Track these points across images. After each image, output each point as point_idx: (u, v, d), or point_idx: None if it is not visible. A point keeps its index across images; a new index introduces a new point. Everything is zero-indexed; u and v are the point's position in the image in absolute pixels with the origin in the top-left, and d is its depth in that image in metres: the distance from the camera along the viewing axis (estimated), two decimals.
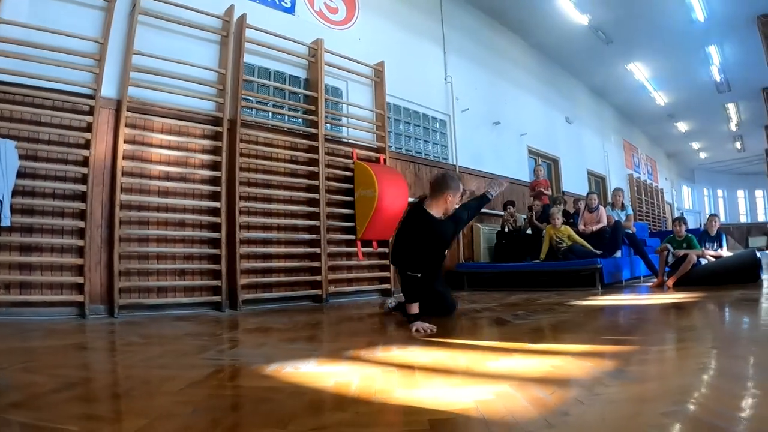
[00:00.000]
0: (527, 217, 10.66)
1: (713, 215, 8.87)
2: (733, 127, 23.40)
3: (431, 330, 4.05)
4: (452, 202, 4.48)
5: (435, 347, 3.38)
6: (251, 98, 7.47)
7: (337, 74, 8.62)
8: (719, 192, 36.66)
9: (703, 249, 8.01)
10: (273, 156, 7.53)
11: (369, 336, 4.27)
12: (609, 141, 19.84)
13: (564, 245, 8.73)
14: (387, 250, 8.61)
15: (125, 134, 6.14)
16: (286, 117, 7.97)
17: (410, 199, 7.80)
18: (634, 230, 9.88)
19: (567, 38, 14.21)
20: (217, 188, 6.78)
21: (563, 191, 14.88)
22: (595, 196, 9.58)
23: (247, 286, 6.96)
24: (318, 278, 7.57)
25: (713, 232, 8.37)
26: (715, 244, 8.27)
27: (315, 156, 7.81)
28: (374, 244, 8.45)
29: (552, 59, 15.85)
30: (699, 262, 7.77)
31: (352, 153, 8.45)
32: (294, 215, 7.65)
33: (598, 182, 18.65)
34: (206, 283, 6.67)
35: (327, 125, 8.19)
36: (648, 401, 1.92)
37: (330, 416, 1.94)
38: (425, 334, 3.97)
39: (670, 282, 7.60)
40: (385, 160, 8.83)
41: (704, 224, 9.06)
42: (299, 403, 2.10)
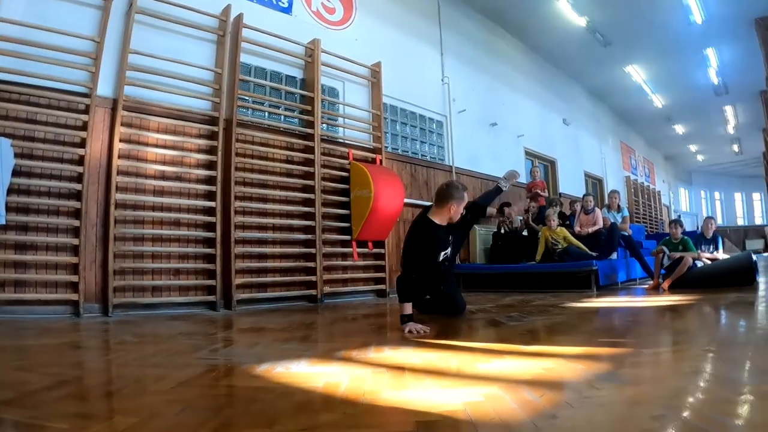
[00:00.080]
0: (523, 219, 10.67)
1: (709, 218, 8.88)
2: (731, 130, 23.44)
3: (424, 331, 4.08)
4: (456, 212, 4.69)
5: (427, 348, 3.38)
6: (247, 98, 7.47)
7: (334, 74, 8.62)
8: (716, 194, 36.70)
9: (699, 251, 8.03)
10: (269, 156, 7.52)
11: (362, 337, 4.26)
12: (606, 143, 19.86)
13: (560, 247, 8.73)
14: (382, 251, 8.62)
15: (121, 133, 6.13)
16: (283, 117, 7.96)
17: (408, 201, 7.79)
18: (630, 232, 9.89)
19: (565, 40, 14.22)
20: (213, 188, 6.78)
21: (560, 193, 14.91)
22: (591, 198, 9.60)
23: (242, 286, 6.96)
24: (313, 278, 7.57)
25: (709, 235, 8.39)
26: (711, 247, 8.29)
27: (311, 156, 7.81)
28: (370, 245, 8.44)
29: (549, 61, 15.87)
30: (695, 265, 7.78)
31: (348, 153, 8.44)
32: (289, 215, 7.65)
33: (595, 184, 18.67)
34: (201, 283, 6.67)
35: (323, 125, 8.18)
36: (638, 405, 1.91)
37: (317, 417, 1.93)
38: (417, 335, 3.99)
39: (666, 284, 7.60)
40: (381, 161, 8.84)
41: (701, 227, 9.06)
42: (287, 404, 2.10)
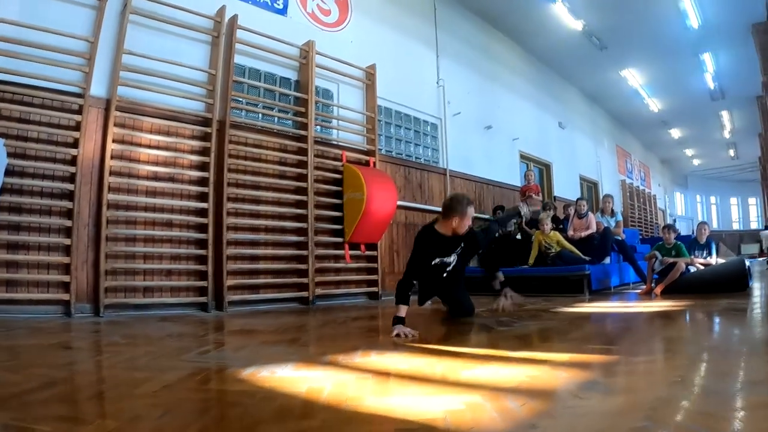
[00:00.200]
0: (517, 223, 10.65)
1: (703, 223, 8.86)
2: (727, 135, 23.51)
3: (412, 335, 4.08)
4: (459, 225, 4.74)
5: (414, 353, 3.38)
6: (241, 99, 7.48)
7: (328, 76, 8.63)
8: (712, 199, 36.78)
9: (692, 257, 8.01)
10: (262, 157, 7.53)
11: (350, 340, 4.27)
12: (602, 146, 19.90)
13: (553, 251, 8.72)
14: (375, 254, 8.63)
15: (114, 134, 6.15)
16: (276, 119, 7.97)
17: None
18: (624, 237, 9.89)
19: (561, 43, 14.27)
20: (205, 189, 6.79)
21: (555, 196, 14.93)
22: (585, 202, 9.59)
23: (234, 288, 6.97)
24: (305, 280, 7.58)
25: (703, 240, 8.36)
26: (705, 252, 8.26)
27: (304, 158, 7.82)
28: (362, 247, 8.45)
29: (546, 64, 15.91)
30: (688, 270, 7.77)
31: (342, 155, 8.45)
32: (282, 217, 7.66)
33: (591, 188, 18.71)
34: (193, 284, 6.68)
35: (317, 127, 8.20)
36: (620, 415, 1.90)
37: (296, 423, 1.93)
38: (405, 339, 4.01)
39: (658, 290, 7.59)
40: (375, 163, 8.84)
41: (694, 231, 9.06)
42: (268, 409, 2.10)
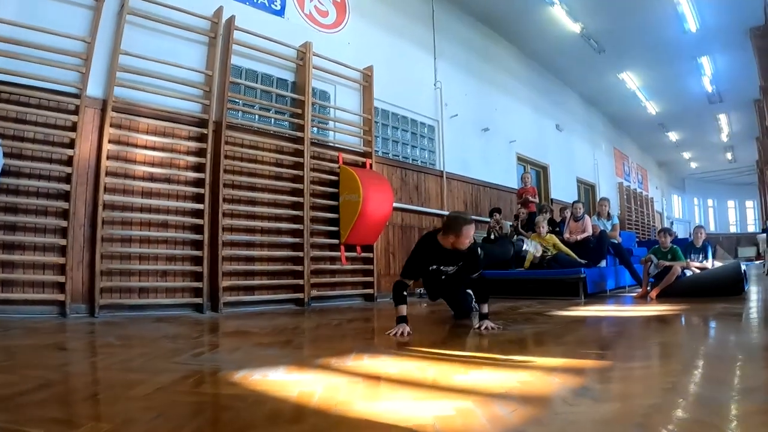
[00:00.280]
0: (513, 225, 10.67)
1: (699, 227, 8.87)
2: (725, 138, 23.53)
3: (408, 334, 4.38)
4: (456, 242, 4.76)
5: (406, 357, 3.38)
6: (238, 100, 7.48)
7: (325, 78, 8.63)
8: (710, 202, 36.82)
9: (688, 260, 8.02)
10: (258, 159, 7.53)
11: (344, 343, 4.27)
12: (599, 149, 19.91)
13: (549, 254, 8.73)
14: (371, 255, 8.64)
15: (110, 134, 6.15)
16: (273, 120, 7.97)
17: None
18: (620, 240, 9.89)
19: (559, 46, 14.28)
20: (201, 190, 6.79)
21: (552, 199, 14.93)
22: (581, 205, 9.59)
23: (229, 289, 6.98)
24: (300, 282, 7.59)
25: (699, 244, 8.37)
26: (701, 256, 8.27)
27: (300, 159, 7.82)
28: (358, 249, 8.46)
29: (543, 66, 15.92)
30: (683, 274, 7.77)
31: (338, 157, 8.46)
32: (278, 218, 7.66)
33: (588, 190, 18.71)
34: (188, 285, 6.68)
35: (313, 129, 8.20)
36: (609, 423, 1.91)
37: (286, 428, 1.93)
38: (401, 337, 4.30)
39: (653, 293, 7.58)
40: (372, 165, 8.85)
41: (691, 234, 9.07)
42: (259, 413, 2.11)
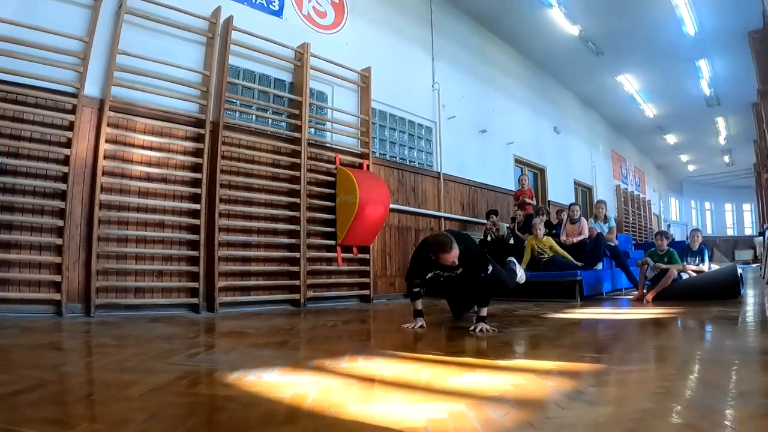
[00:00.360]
0: (510, 227, 10.68)
1: (695, 230, 8.89)
2: (722, 141, 23.58)
3: (421, 327, 4.92)
4: (440, 260, 4.80)
5: (401, 359, 3.39)
6: (235, 101, 7.47)
7: (323, 78, 8.63)
8: (707, 205, 36.87)
9: (685, 263, 8.03)
10: (255, 159, 7.52)
11: (339, 344, 4.28)
12: (597, 151, 19.94)
13: (545, 256, 8.72)
14: (367, 257, 8.65)
15: (107, 134, 6.14)
16: (270, 120, 7.96)
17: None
18: (617, 243, 9.89)
19: (557, 48, 14.30)
20: (198, 190, 6.78)
21: (549, 201, 14.95)
22: (578, 208, 9.58)
23: (225, 289, 6.97)
24: (297, 282, 7.58)
25: (695, 247, 8.38)
26: (697, 259, 8.28)
27: (297, 160, 7.82)
28: (354, 250, 8.46)
29: (542, 68, 15.95)
30: (680, 277, 7.78)
31: (335, 158, 8.46)
32: (274, 219, 7.66)
33: (585, 192, 18.72)
34: (184, 285, 6.67)
35: (311, 130, 8.20)
36: (602, 427, 1.91)
37: (279, 429, 1.94)
38: (412, 329, 4.87)
39: (650, 296, 7.59)
40: (368, 166, 8.85)
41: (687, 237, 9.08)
42: (252, 414, 2.11)
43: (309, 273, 7.81)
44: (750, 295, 8.05)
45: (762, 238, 14.97)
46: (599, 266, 9.02)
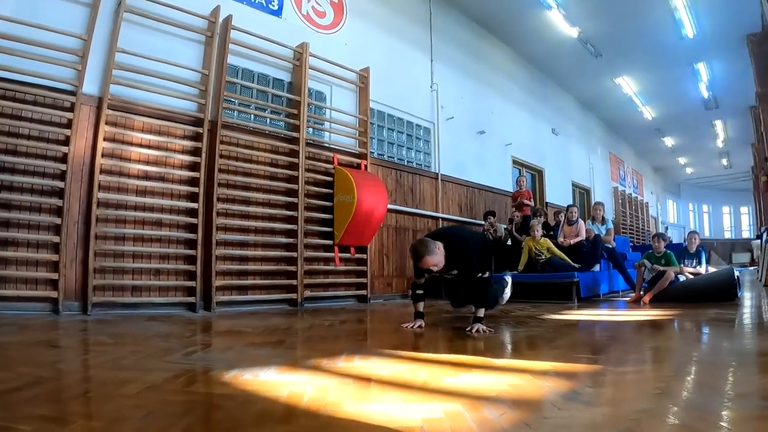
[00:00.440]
0: (507, 229, 10.67)
1: (693, 232, 8.89)
2: (720, 144, 23.62)
3: (419, 327, 4.97)
4: (423, 265, 4.88)
5: (397, 359, 3.38)
6: (233, 100, 7.47)
7: (322, 78, 8.63)
8: (704, 207, 36.93)
9: (682, 266, 8.03)
10: (253, 158, 7.52)
11: (335, 344, 4.27)
12: (595, 153, 19.95)
13: (543, 257, 8.72)
14: (365, 257, 8.65)
15: (105, 132, 6.13)
16: (268, 120, 7.96)
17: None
18: (614, 244, 9.90)
19: (556, 50, 14.31)
20: (196, 189, 6.78)
21: (546, 202, 14.96)
22: (576, 210, 9.59)
23: (222, 288, 6.97)
24: (294, 282, 7.58)
25: (692, 249, 8.38)
26: (694, 261, 8.28)
27: (295, 160, 7.82)
28: (352, 250, 8.46)
29: (540, 70, 15.95)
30: (677, 279, 7.79)
31: (333, 158, 8.45)
32: (272, 218, 7.65)
33: (583, 194, 18.73)
34: (181, 284, 6.66)
35: (309, 129, 8.20)
36: (598, 427, 1.91)
37: (275, 428, 1.94)
38: (411, 328, 4.94)
39: (646, 298, 7.60)
40: (366, 167, 8.85)
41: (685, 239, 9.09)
42: (248, 413, 2.11)
43: (306, 273, 7.81)
44: (747, 298, 8.06)
45: (759, 241, 14.98)
46: (596, 268, 9.03)
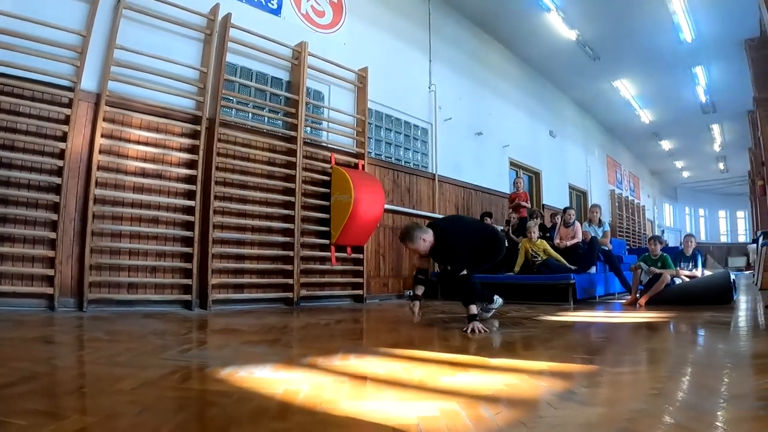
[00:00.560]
0: (504, 230, 10.67)
1: (689, 235, 8.91)
2: (717, 148, 23.66)
3: (416, 311, 5.15)
4: (413, 251, 5.29)
5: (393, 358, 3.38)
6: (232, 98, 7.46)
7: (320, 78, 8.63)
8: (701, 211, 37.00)
9: (678, 269, 8.04)
10: (250, 157, 7.51)
11: (331, 343, 4.27)
12: (592, 156, 19.98)
13: (539, 259, 8.73)
14: (361, 257, 8.65)
15: (103, 128, 6.13)
16: (266, 118, 7.96)
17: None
18: (611, 247, 9.91)
19: (554, 52, 14.33)
20: (193, 187, 6.77)
21: (543, 204, 14.98)
22: (573, 212, 9.61)
23: (218, 286, 6.96)
24: (290, 281, 7.57)
25: (689, 252, 8.39)
26: (690, 264, 8.29)
27: (293, 159, 7.81)
28: (348, 250, 8.45)
29: (538, 72, 15.98)
30: (673, 282, 7.80)
31: (331, 157, 8.45)
32: (269, 217, 7.65)
33: (580, 197, 18.76)
34: (177, 281, 6.66)
35: (307, 129, 8.20)
36: (593, 426, 1.92)
37: (270, 425, 1.93)
38: (412, 307, 5.14)
39: (642, 301, 7.60)
40: (364, 166, 8.85)
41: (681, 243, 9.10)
42: (244, 410, 2.11)
43: (302, 272, 7.80)
44: (742, 301, 8.07)
45: (755, 245, 15.01)
46: (593, 270, 9.04)
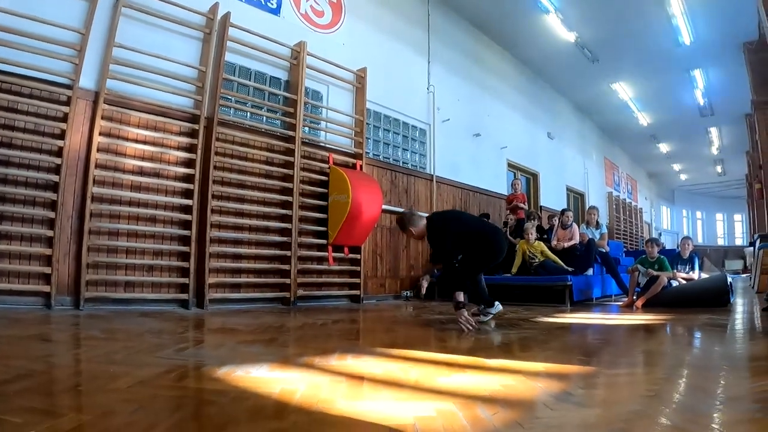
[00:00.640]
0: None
1: (686, 238, 8.91)
2: (715, 151, 23.69)
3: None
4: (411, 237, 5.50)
5: (390, 358, 3.38)
6: (230, 97, 7.45)
7: (319, 78, 8.63)
8: (698, 214, 37.06)
9: (675, 271, 8.05)
10: (248, 156, 7.51)
11: (328, 343, 4.26)
12: (590, 158, 20.00)
13: (536, 261, 8.75)
14: (358, 257, 8.65)
15: (101, 126, 6.12)
16: (264, 118, 7.96)
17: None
18: (608, 249, 9.92)
19: (553, 54, 14.35)
20: (190, 186, 6.77)
21: (541, 206, 14.99)
22: (570, 214, 9.63)
23: (215, 285, 6.96)
24: (287, 281, 7.57)
25: (686, 255, 8.40)
26: (687, 267, 8.30)
27: (291, 159, 7.81)
28: (346, 250, 8.46)
29: (537, 74, 15.99)
30: (670, 284, 7.80)
31: (329, 157, 8.45)
32: (266, 217, 7.65)
33: (577, 199, 18.77)
34: (174, 280, 6.65)
35: (305, 128, 8.21)
36: (590, 428, 1.91)
37: (266, 424, 1.93)
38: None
39: (639, 303, 7.62)
40: (362, 167, 8.86)
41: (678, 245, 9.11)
42: (240, 409, 2.10)
43: (300, 272, 7.81)
44: (739, 304, 8.07)
45: (752, 249, 15.02)
46: (590, 272, 9.04)
